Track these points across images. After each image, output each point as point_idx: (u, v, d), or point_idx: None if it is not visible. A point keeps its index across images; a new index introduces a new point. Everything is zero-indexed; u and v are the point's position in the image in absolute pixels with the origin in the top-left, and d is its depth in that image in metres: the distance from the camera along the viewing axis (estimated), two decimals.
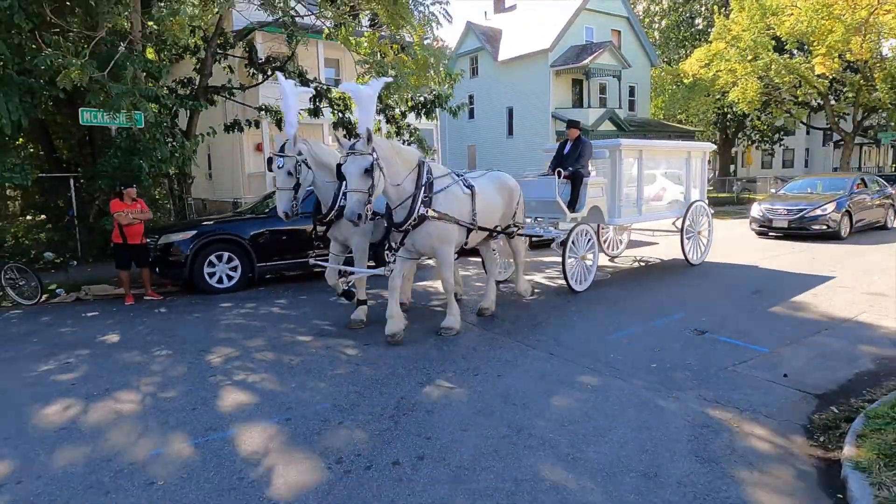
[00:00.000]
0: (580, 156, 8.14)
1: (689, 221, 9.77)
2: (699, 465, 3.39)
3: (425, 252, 6.14)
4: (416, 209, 5.58)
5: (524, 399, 4.35)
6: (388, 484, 3.17)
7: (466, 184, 6.29)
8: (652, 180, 9.55)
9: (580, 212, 8.21)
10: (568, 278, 7.85)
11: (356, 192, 5.09)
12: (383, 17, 12.52)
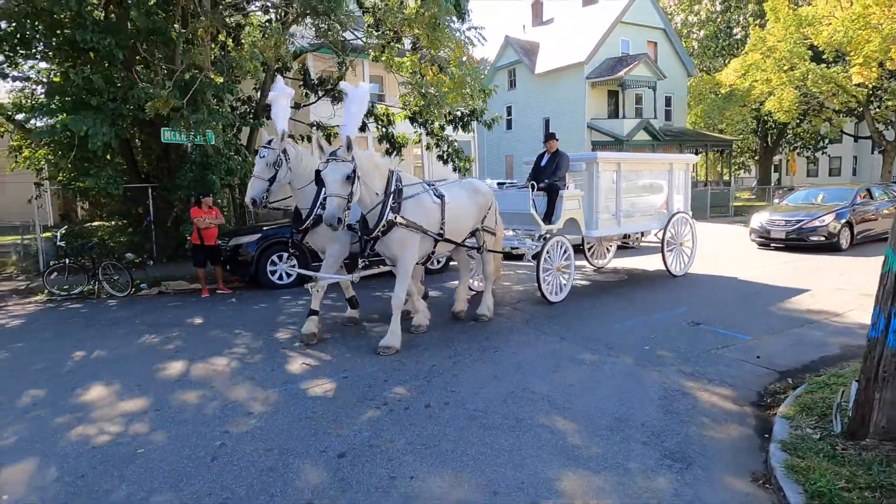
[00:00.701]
0: (557, 168, 8.27)
1: (670, 233, 9.90)
2: (662, 415, 4.35)
3: (391, 258, 6.19)
4: (384, 216, 5.73)
5: (532, 369, 5.39)
6: (421, 418, 4.27)
7: (437, 193, 6.39)
8: (632, 192, 9.57)
9: (556, 224, 8.27)
10: (542, 289, 7.91)
11: (336, 196, 5.17)
12: (424, 41, 13.75)
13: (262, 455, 3.73)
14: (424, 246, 6.27)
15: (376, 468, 3.54)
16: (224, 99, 12.43)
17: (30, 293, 10.55)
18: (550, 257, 8.03)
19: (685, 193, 10.49)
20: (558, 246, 8.15)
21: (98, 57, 10.69)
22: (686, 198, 10.54)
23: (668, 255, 9.88)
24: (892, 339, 3.39)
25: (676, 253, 10.15)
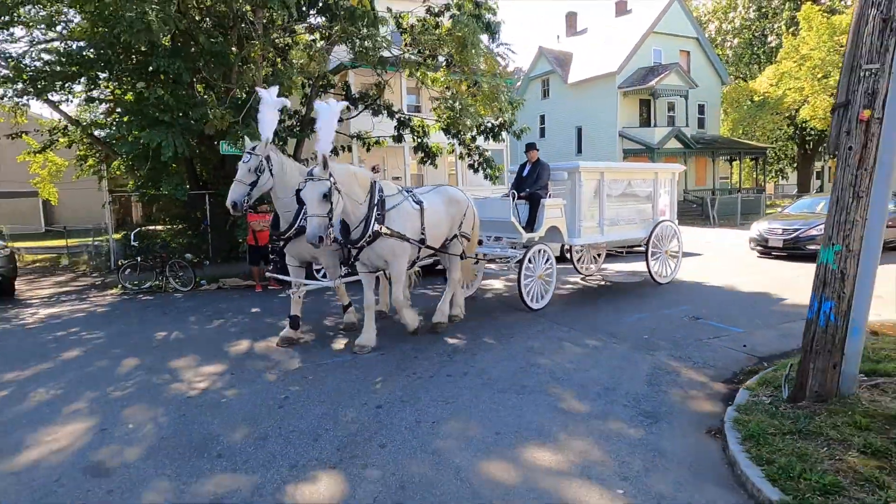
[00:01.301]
0: (538, 177, 8.44)
1: (654, 241, 10.04)
2: (646, 386, 5.19)
3: (379, 266, 6.42)
4: (370, 226, 5.91)
5: (541, 351, 6.28)
6: (443, 383, 5.23)
7: (416, 199, 6.60)
8: (616, 201, 9.67)
9: (537, 232, 8.38)
10: (524, 296, 8.10)
11: (316, 216, 5.29)
12: (456, 58, 14.77)
13: (316, 405, 4.75)
14: (413, 250, 6.51)
15: (406, 415, 4.51)
16: None
17: (105, 287, 11.97)
18: (532, 265, 8.20)
19: (671, 202, 10.64)
20: (540, 254, 8.31)
21: (168, 78, 12.04)
22: (672, 206, 10.68)
23: (652, 263, 10.04)
24: (822, 319, 4.18)
25: (661, 260, 10.30)
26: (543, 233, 8.45)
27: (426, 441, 4.07)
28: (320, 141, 5.63)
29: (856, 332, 4.11)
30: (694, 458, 3.82)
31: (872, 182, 3.99)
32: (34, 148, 17.61)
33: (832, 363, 4.17)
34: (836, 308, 4.13)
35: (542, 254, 8.35)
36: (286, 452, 3.93)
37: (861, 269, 4.07)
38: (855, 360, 4.16)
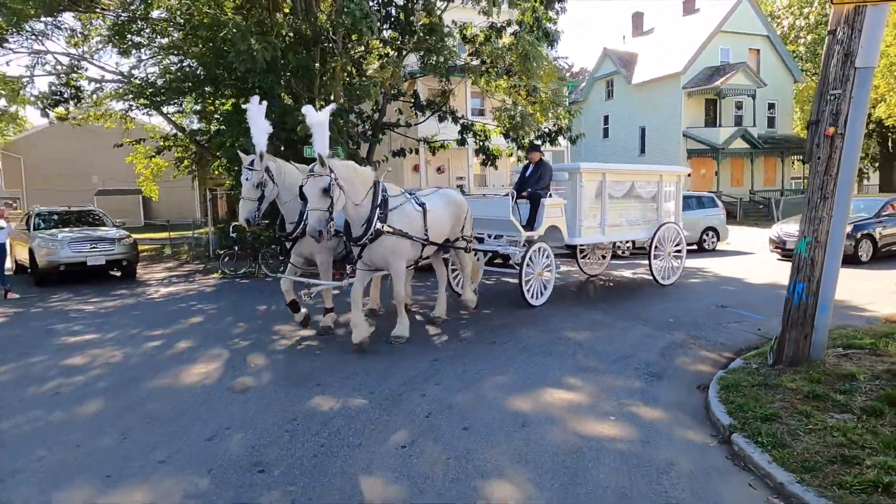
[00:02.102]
0: (539, 178, 8.67)
1: (657, 242, 10.14)
2: (658, 356, 6.20)
3: (380, 265, 6.56)
4: (372, 225, 6.06)
5: (574, 328, 7.36)
6: (486, 348, 6.46)
7: (418, 202, 6.82)
8: (618, 202, 9.75)
9: (536, 231, 8.53)
10: (524, 293, 8.39)
11: (316, 210, 5.49)
12: (517, 68, 15.87)
13: (385, 356, 6.10)
14: (413, 251, 6.73)
15: (455, 367, 5.78)
16: (349, 120, 15.28)
17: (207, 272, 13.94)
18: (533, 263, 8.45)
19: (676, 204, 10.75)
20: (540, 252, 8.56)
21: (261, 91, 13.85)
22: (677, 208, 10.79)
23: (655, 264, 10.14)
24: (796, 298, 5.10)
25: (664, 262, 10.37)
26: (543, 232, 8.62)
27: (469, 383, 5.32)
28: (315, 143, 5.74)
29: (824, 309, 5.01)
30: (679, 403, 4.86)
31: (836, 186, 4.88)
32: (144, 152, 20.15)
33: (804, 334, 5.09)
34: (807, 289, 5.04)
35: (542, 252, 8.61)
36: (365, 384, 5.29)
37: (828, 256, 4.97)
38: (823, 332, 5.06)
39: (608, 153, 35.08)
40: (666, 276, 10.37)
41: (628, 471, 3.66)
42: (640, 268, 12.53)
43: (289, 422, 4.47)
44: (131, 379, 5.59)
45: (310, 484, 3.52)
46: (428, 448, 4.00)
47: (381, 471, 3.69)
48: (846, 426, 3.82)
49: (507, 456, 3.87)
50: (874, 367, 4.87)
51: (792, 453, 3.59)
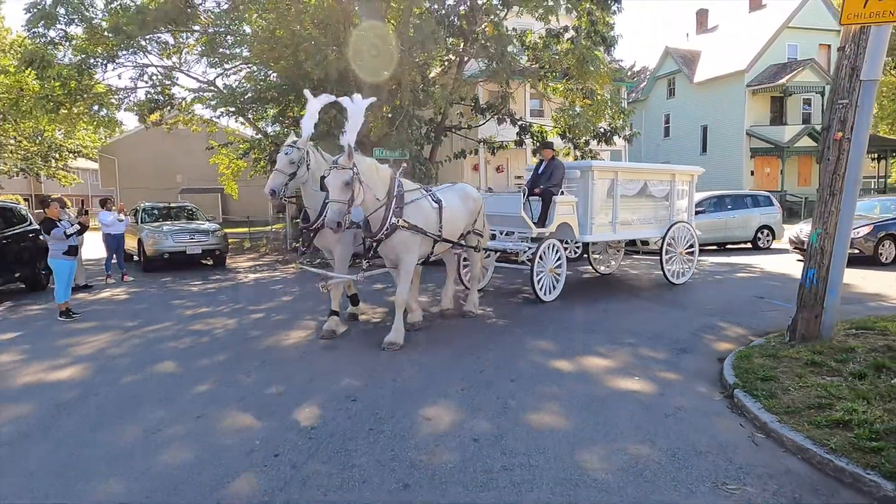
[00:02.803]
0: (551, 175, 8.84)
1: (669, 241, 10.18)
2: (689, 335, 6.97)
3: (391, 259, 6.59)
4: (388, 219, 6.10)
5: (617, 311, 8.21)
6: (534, 324, 7.42)
7: (435, 198, 6.84)
8: (630, 200, 9.84)
9: (548, 227, 8.67)
10: (536, 288, 8.58)
11: (337, 202, 5.53)
12: (574, 72, 16.64)
13: (448, 329, 7.18)
14: (423, 247, 6.67)
15: (505, 336, 6.80)
16: (413, 123, 16.50)
17: (286, 263, 15.48)
18: (544, 259, 8.62)
19: (689, 203, 10.80)
20: (551, 248, 8.73)
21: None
22: (690, 208, 10.85)
23: (666, 263, 10.18)
24: (808, 283, 5.80)
25: (676, 261, 10.41)
26: (554, 228, 8.77)
27: (518, 349, 6.32)
28: (346, 133, 5.87)
29: (832, 292, 5.69)
30: (698, 370, 5.67)
31: (844, 184, 5.56)
32: (226, 153, 22.14)
33: (815, 314, 5.78)
34: (817, 274, 5.74)
35: (553, 248, 8.77)
36: (429, 348, 6.38)
37: (836, 246, 5.65)
38: (832, 313, 5.73)
39: (669, 152, 34.96)
40: (677, 275, 10.39)
41: (642, 411, 4.57)
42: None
43: (370, 371, 5.61)
44: (245, 339, 6.93)
45: (390, 410, 4.63)
46: (481, 391, 5.04)
47: (445, 403, 4.75)
48: (831, 384, 4.58)
49: (544, 398, 4.85)
50: (875, 343, 5.52)
51: (779, 402, 4.39)
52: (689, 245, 10.57)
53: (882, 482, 3.23)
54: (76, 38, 14.37)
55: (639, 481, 3.47)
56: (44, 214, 8.39)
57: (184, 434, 4.23)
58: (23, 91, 15.35)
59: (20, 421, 4.55)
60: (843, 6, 5.30)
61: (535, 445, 3.95)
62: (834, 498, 3.29)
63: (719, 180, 28.28)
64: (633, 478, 3.51)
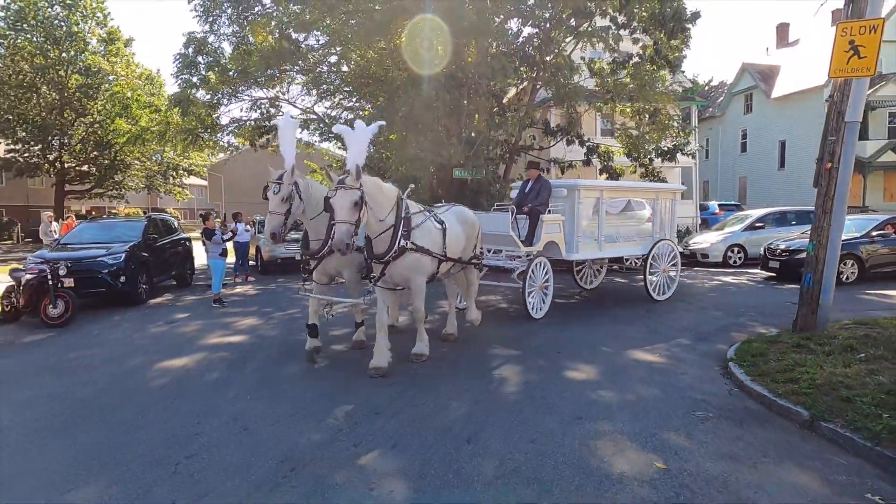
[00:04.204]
0: (538, 194, 8.90)
1: (652, 258, 10.38)
2: (715, 329, 8.35)
3: (400, 282, 6.43)
4: (396, 241, 5.99)
5: (654, 310, 9.66)
6: (585, 319, 9.04)
7: (437, 219, 6.77)
8: (615, 218, 10.08)
9: (535, 246, 8.79)
10: (527, 306, 8.69)
11: (344, 223, 5.39)
12: (636, 95, 18.00)
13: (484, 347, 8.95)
14: (431, 267, 6.63)
15: (547, 326, 8.48)
16: (489, 146, 18.43)
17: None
18: (534, 276, 8.73)
19: (670, 221, 10.98)
20: (541, 266, 8.83)
21: (422, 126, 17.46)
22: (672, 225, 11.03)
23: (650, 279, 10.41)
24: (806, 286, 7.13)
25: (659, 278, 10.61)
26: (542, 247, 8.90)
27: (566, 333, 8.00)
28: (353, 154, 5.74)
29: (826, 292, 6.99)
30: (711, 352, 7.09)
31: (833, 204, 6.89)
32: (319, 172, 24.94)
33: (811, 310, 7.10)
34: (813, 278, 7.07)
35: (542, 266, 8.88)
36: (510, 335, 8.19)
37: (828, 255, 6.96)
38: (826, 309, 7.02)
39: (746, 167, 34.94)
40: (661, 292, 10.60)
41: (655, 372, 6.18)
42: (725, 275, 14.15)
43: (450, 353, 7.50)
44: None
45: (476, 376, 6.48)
46: (534, 358, 6.80)
47: (506, 368, 6.56)
48: (803, 359, 5.96)
49: (580, 360, 6.57)
50: (856, 333, 6.77)
51: (757, 370, 5.85)
52: (673, 262, 10.83)
53: (802, 411, 4.72)
54: (210, 79, 17.38)
55: (635, 406, 5.14)
56: (204, 225, 10.94)
57: (328, 365, 6.30)
58: (169, 125, 18.65)
59: (226, 360, 6.89)
60: (831, 62, 6.70)
61: (567, 386, 5.71)
62: (769, 422, 4.81)
63: (798, 196, 28.32)
64: (631, 404, 5.19)
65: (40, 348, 7.86)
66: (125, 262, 10.59)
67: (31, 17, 32.37)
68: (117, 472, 4.02)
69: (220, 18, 17.11)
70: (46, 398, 5.68)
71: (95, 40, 35.30)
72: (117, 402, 5.52)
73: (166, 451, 4.35)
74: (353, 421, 4.88)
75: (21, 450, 4.46)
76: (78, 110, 33.42)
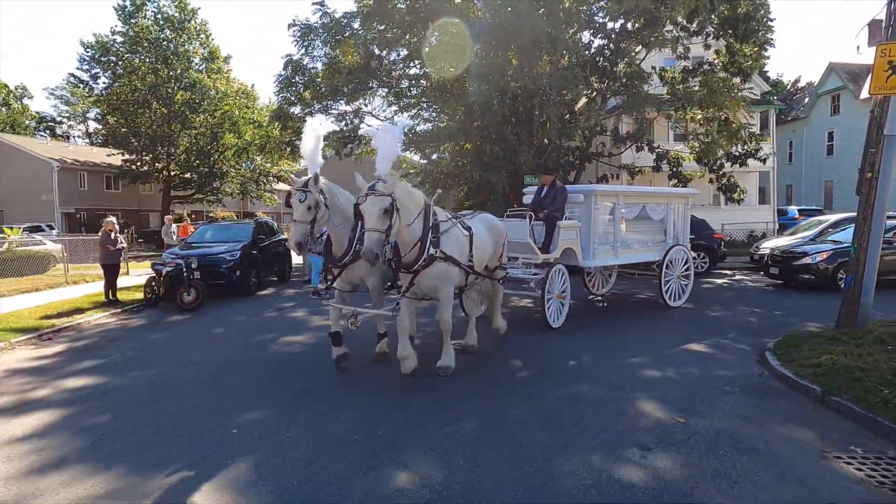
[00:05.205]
0: (554, 199, 8.69)
1: (667, 265, 10.29)
2: (764, 327, 8.93)
3: (427, 292, 6.21)
4: (425, 250, 5.74)
5: (718, 309, 10.36)
6: (642, 313, 9.92)
7: (465, 225, 6.52)
8: (631, 224, 9.94)
9: (553, 253, 8.54)
10: (546, 314, 8.45)
11: (374, 231, 5.12)
12: (707, 102, 18.36)
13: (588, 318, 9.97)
14: (460, 277, 6.40)
15: (623, 322, 9.42)
16: (560, 152, 19.34)
17: None
18: (552, 285, 8.49)
19: (683, 226, 10.88)
20: (559, 274, 8.64)
21: (497, 137, 18.66)
22: (685, 230, 10.90)
23: (664, 286, 10.30)
24: (847, 285, 7.74)
25: (673, 284, 10.51)
26: (559, 254, 8.67)
27: (634, 325, 8.95)
28: (381, 160, 5.58)
29: (866, 292, 7.58)
30: (754, 344, 7.80)
31: (873, 211, 7.48)
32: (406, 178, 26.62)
33: (853, 308, 7.70)
34: (855, 278, 7.67)
35: (560, 274, 8.67)
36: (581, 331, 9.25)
37: (868, 258, 7.55)
38: (866, 307, 7.59)
39: (832, 170, 33.70)
40: (675, 298, 10.58)
41: (695, 359, 7.08)
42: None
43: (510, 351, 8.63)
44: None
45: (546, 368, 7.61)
46: (600, 334, 7.84)
47: (579, 351, 7.64)
48: (834, 349, 6.65)
49: (637, 346, 7.54)
50: (892, 330, 7.33)
51: (788, 357, 6.62)
52: (686, 267, 10.77)
53: (816, 388, 5.54)
54: (305, 97, 19.37)
55: (670, 382, 6.12)
56: None
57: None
58: (270, 138, 20.88)
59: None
60: (871, 80, 7.35)
61: (615, 365, 6.77)
62: (787, 397, 5.65)
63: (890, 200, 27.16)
64: (667, 380, 6.17)
65: (183, 326, 9.70)
66: (240, 258, 12.47)
67: (145, 40, 36.27)
68: (268, 406, 5.51)
69: (315, 42, 19.01)
70: (201, 360, 7.35)
71: (198, 58, 39.03)
72: (255, 363, 7.10)
73: (302, 394, 5.83)
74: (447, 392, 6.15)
75: (195, 391, 6.06)
76: (183, 123, 37.08)
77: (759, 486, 3.82)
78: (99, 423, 5.21)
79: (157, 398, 5.85)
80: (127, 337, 8.89)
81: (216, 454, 4.43)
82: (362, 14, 18.67)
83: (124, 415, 5.39)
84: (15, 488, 3.94)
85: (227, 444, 4.64)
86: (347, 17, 18.95)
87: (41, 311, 10.50)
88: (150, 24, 36.70)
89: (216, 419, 5.19)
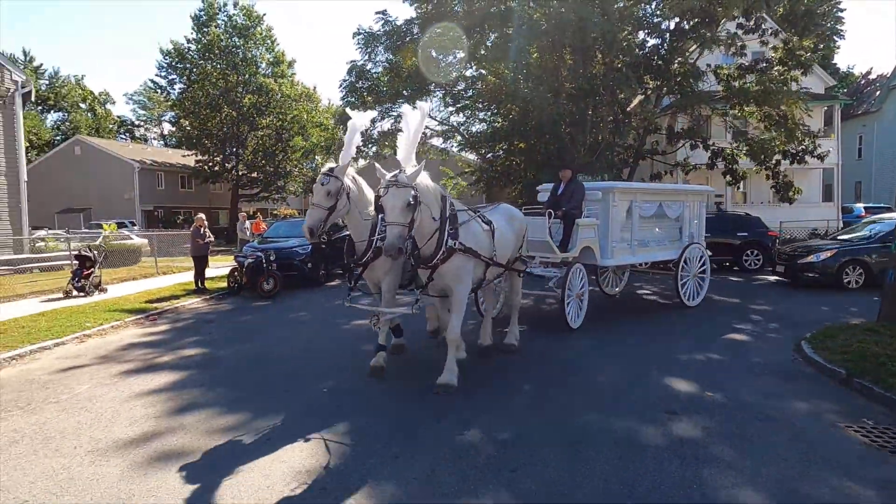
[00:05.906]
0: (572, 196, 8.43)
1: (683, 263, 10.16)
2: (811, 320, 9.24)
3: (443, 288, 5.87)
4: (444, 242, 5.47)
5: (765, 303, 10.72)
6: (673, 310, 10.43)
7: (485, 219, 6.26)
8: (648, 222, 9.81)
9: (571, 252, 8.36)
10: (566, 315, 8.22)
11: (396, 224, 4.90)
12: (761, 100, 18.33)
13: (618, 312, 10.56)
14: (476, 273, 6.06)
15: (686, 318, 9.98)
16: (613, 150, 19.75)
17: None
18: (571, 284, 8.25)
19: (700, 224, 10.81)
20: (578, 273, 8.41)
21: (551, 136, 19.22)
22: (701, 228, 10.84)
23: (681, 284, 10.19)
24: (889, 280, 8.06)
25: (689, 283, 10.40)
26: (577, 253, 8.48)
27: (676, 321, 9.51)
28: (402, 147, 5.42)
29: None
30: (795, 335, 8.16)
31: None
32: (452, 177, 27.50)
33: (892, 303, 8.02)
34: (895, 274, 8.00)
35: (579, 273, 8.45)
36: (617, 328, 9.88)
37: None
38: None
39: None
40: (692, 297, 10.52)
41: (734, 345, 7.66)
42: None
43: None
44: None
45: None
46: (645, 326, 8.47)
47: (614, 341, 8.31)
48: (867, 339, 7.06)
49: (675, 335, 8.14)
50: None
51: (822, 345, 7.07)
52: (702, 265, 10.70)
53: (842, 370, 6.05)
54: (368, 101, 20.53)
55: (705, 365, 6.74)
56: None
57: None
58: (335, 140, 22.19)
59: None
60: None
61: (653, 350, 7.41)
62: (815, 379, 6.19)
63: None
64: (702, 363, 6.79)
65: (266, 311, 10.92)
66: (311, 252, 13.65)
67: (216, 48, 38.62)
68: (347, 373, 6.52)
69: (377, 48, 20.13)
70: (288, 337, 8.49)
71: (264, 63, 41.18)
72: (333, 341, 8.17)
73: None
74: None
75: (288, 361, 7.16)
76: (251, 125, 39.27)
77: (769, 445, 4.47)
78: (216, 381, 6.36)
79: (259, 366, 6.98)
80: (220, 319, 10.17)
81: (313, 407, 5.45)
82: (421, 19, 19.61)
83: (235, 376, 6.53)
84: (165, 423, 5.07)
85: (319, 400, 5.66)
86: (407, 23, 19.97)
87: (143, 297, 11.97)
88: (220, 33, 39.03)
89: (308, 382, 6.23)
